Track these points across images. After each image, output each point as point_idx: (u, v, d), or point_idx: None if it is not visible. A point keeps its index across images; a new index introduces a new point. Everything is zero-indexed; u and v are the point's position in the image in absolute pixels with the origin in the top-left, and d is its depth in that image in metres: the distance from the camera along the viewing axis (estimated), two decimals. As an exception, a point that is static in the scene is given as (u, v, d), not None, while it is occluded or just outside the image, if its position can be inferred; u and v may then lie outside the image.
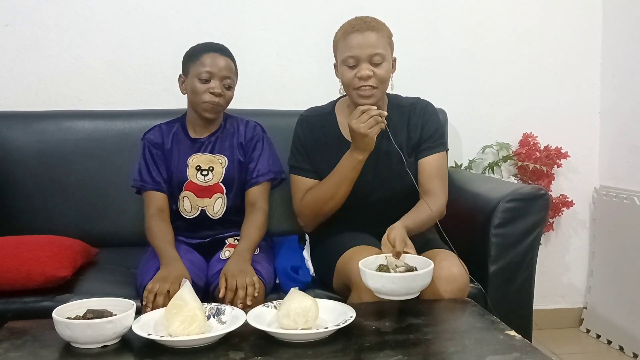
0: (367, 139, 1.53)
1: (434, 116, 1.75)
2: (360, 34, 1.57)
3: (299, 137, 1.76)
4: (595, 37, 2.51)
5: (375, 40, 1.57)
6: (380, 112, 1.53)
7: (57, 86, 2.22)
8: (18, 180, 2.01)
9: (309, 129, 1.75)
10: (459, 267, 1.50)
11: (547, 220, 2.15)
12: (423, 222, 1.59)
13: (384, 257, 1.36)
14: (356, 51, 1.57)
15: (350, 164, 1.59)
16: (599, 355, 2.32)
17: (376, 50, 1.56)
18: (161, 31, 2.26)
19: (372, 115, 1.51)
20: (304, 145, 1.74)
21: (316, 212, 1.69)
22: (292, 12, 2.33)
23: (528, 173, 2.39)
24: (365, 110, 1.53)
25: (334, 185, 1.63)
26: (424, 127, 1.71)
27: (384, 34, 1.60)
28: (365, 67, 1.56)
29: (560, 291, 2.58)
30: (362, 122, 1.51)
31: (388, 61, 1.60)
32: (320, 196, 1.67)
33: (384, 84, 1.60)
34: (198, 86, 1.69)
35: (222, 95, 1.70)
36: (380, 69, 1.58)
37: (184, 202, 1.75)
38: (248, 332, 1.21)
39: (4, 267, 1.54)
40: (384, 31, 1.61)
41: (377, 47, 1.57)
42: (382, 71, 1.58)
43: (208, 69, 1.68)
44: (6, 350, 1.16)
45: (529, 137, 2.44)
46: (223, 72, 1.69)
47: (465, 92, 2.46)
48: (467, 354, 1.15)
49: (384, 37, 1.60)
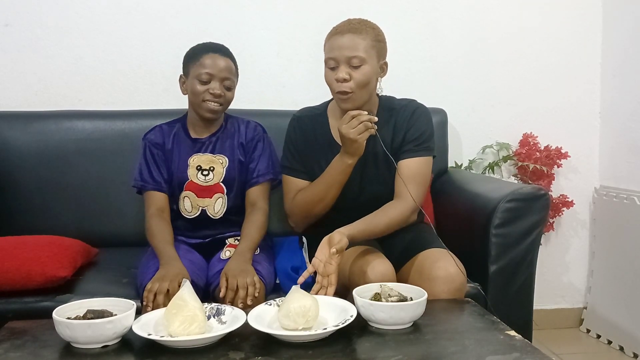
0: (356, 145, 1.53)
1: (422, 119, 1.68)
2: (341, 36, 1.55)
3: (290, 138, 1.75)
4: (595, 37, 2.51)
5: (354, 43, 1.53)
6: (370, 118, 1.52)
7: (57, 86, 2.22)
8: (18, 180, 2.01)
9: (300, 130, 1.75)
10: (455, 267, 1.50)
11: (547, 220, 2.16)
12: (374, 230, 1.56)
13: (379, 286, 1.36)
14: (335, 53, 1.55)
15: (339, 167, 1.59)
16: (599, 356, 2.32)
17: (354, 52, 1.53)
18: (161, 31, 2.26)
19: (362, 121, 1.50)
20: (295, 146, 1.74)
21: (306, 213, 1.70)
22: (292, 12, 2.33)
23: (528, 173, 2.40)
24: (355, 115, 1.51)
25: (323, 188, 1.64)
26: (409, 130, 1.66)
27: (367, 36, 1.55)
28: (342, 70, 1.54)
29: (560, 291, 2.58)
30: (352, 127, 1.50)
31: (370, 64, 1.55)
32: (309, 198, 1.67)
33: (362, 88, 1.56)
34: (198, 87, 1.69)
35: (222, 96, 1.69)
36: (358, 72, 1.54)
37: (185, 202, 1.75)
38: (248, 332, 1.21)
39: (4, 267, 1.54)
40: (369, 34, 1.56)
41: (356, 50, 1.53)
42: (359, 74, 1.54)
43: (208, 70, 1.68)
44: (6, 350, 1.16)
45: (529, 137, 2.45)
46: (223, 73, 1.69)
47: (465, 92, 2.46)
48: (467, 354, 1.15)
49: (367, 39, 1.55)
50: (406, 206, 1.59)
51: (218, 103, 1.69)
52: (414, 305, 1.26)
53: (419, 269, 1.54)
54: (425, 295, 1.29)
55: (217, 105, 1.70)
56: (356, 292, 1.31)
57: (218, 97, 1.69)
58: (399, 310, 1.25)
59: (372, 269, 1.46)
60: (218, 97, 1.69)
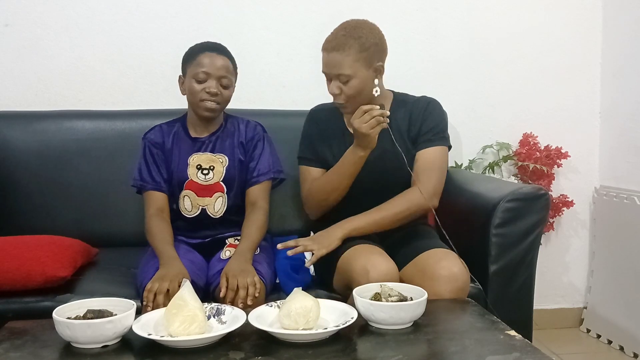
0: (368, 138, 1.57)
1: (436, 111, 1.78)
2: (327, 54, 1.63)
3: (306, 130, 1.83)
4: (595, 37, 2.51)
5: (338, 62, 1.60)
6: (382, 112, 1.55)
7: (57, 86, 2.22)
8: (18, 180, 2.01)
9: (315, 122, 1.82)
10: (459, 266, 1.51)
11: (547, 220, 2.15)
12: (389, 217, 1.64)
13: (379, 286, 1.36)
14: (324, 69, 1.65)
15: (352, 159, 1.64)
16: (599, 355, 2.32)
17: (339, 70, 1.60)
18: (161, 31, 2.26)
19: (374, 115, 1.55)
20: (310, 137, 1.80)
21: (320, 202, 1.75)
22: (292, 12, 2.33)
23: (528, 173, 2.40)
24: (367, 110, 1.56)
25: (336, 178, 1.69)
26: (425, 121, 1.75)
27: (351, 51, 1.58)
28: (333, 85, 1.64)
29: (560, 291, 2.58)
30: (364, 122, 1.55)
31: (358, 77, 1.61)
32: (324, 187, 1.73)
33: (355, 98, 1.63)
34: (195, 86, 1.69)
35: (219, 94, 1.69)
36: (347, 86, 1.62)
37: (185, 201, 1.75)
38: (248, 332, 1.21)
39: (4, 267, 1.54)
40: (352, 48, 1.59)
41: (341, 68, 1.60)
42: (348, 89, 1.62)
43: (204, 69, 1.68)
44: (6, 350, 1.16)
45: (529, 137, 2.45)
46: (219, 72, 1.69)
47: (466, 92, 2.46)
48: (467, 354, 1.15)
49: (351, 54, 1.59)
50: (425, 191, 1.65)
51: (215, 102, 1.69)
52: (414, 305, 1.26)
53: (423, 268, 1.54)
54: (426, 295, 1.29)
55: (214, 103, 1.69)
56: (356, 292, 1.31)
57: (215, 96, 1.68)
58: (399, 310, 1.25)
59: (374, 268, 1.47)
60: (215, 96, 1.68)
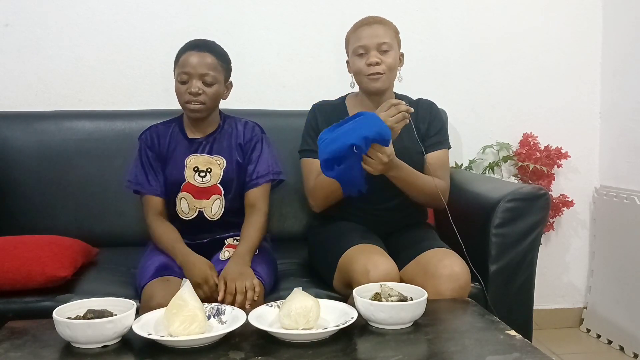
0: (392, 132, 1.54)
1: (439, 114, 1.85)
2: (369, 27, 1.70)
3: (310, 123, 1.81)
4: (595, 37, 2.51)
5: (382, 32, 1.69)
6: (408, 108, 1.56)
7: (57, 86, 2.22)
8: (18, 180, 2.01)
9: (321, 114, 1.80)
10: (460, 265, 1.51)
11: (547, 220, 2.15)
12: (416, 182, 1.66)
13: (379, 286, 1.36)
14: (365, 41, 1.68)
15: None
16: (599, 355, 2.32)
17: (383, 39, 1.68)
18: (161, 31, 2.26)
19: (400, 110, 1.55)
20: (315, 129, 1.77)
21: (327, 195, 1.71)
22: (292, 12, 2.33)
23: (528, 173, 2.40)
24: (395, 104, 1.56)
25: None
26: (432, 123, 1.79)
27: (390, 27, 1.73)
28: (374, 55, 1.68)
29: (560, 291, 2.58)
30: (391, 115, 1.54)
31: (395, 51, 1.71)
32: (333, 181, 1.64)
33: (392, 71, 1.70)
34: (179, 88, 1.67)
35: (202, 93, 1.65)
36: (388, 56, 1.69)
37: (182, 204, 1.74)
38: (248, 332, 1.21)
39: (5, 267, 1.54)
40: (391, 26, 1.74)
41: (384, 37, 1.68)
42: (389, 59, 1.69)
43: (185, 69, 1.65)
44: (6, 350, 1.16)
45: (529, 137, 2.45)
46: (200, 70, 1.65)
47: (466, 92, 2.46)
48: (467, 354, 1.15)
49: (391, 30, 1.72)
50: (443, 188, 1.70)
51: (199, 102, 1.65)
52: (414, 305, 1.26)
53: (424, 267, 1.54)
54: (426, 295, 1.30)
55: (197, 104, 1.66)
56: (356, 292, 1.31)
57: (197, 95, 1.65)
58: (399, 310, 1.25)
59: (375, 268, 1.47)
60: (197, 95, 1.65)
